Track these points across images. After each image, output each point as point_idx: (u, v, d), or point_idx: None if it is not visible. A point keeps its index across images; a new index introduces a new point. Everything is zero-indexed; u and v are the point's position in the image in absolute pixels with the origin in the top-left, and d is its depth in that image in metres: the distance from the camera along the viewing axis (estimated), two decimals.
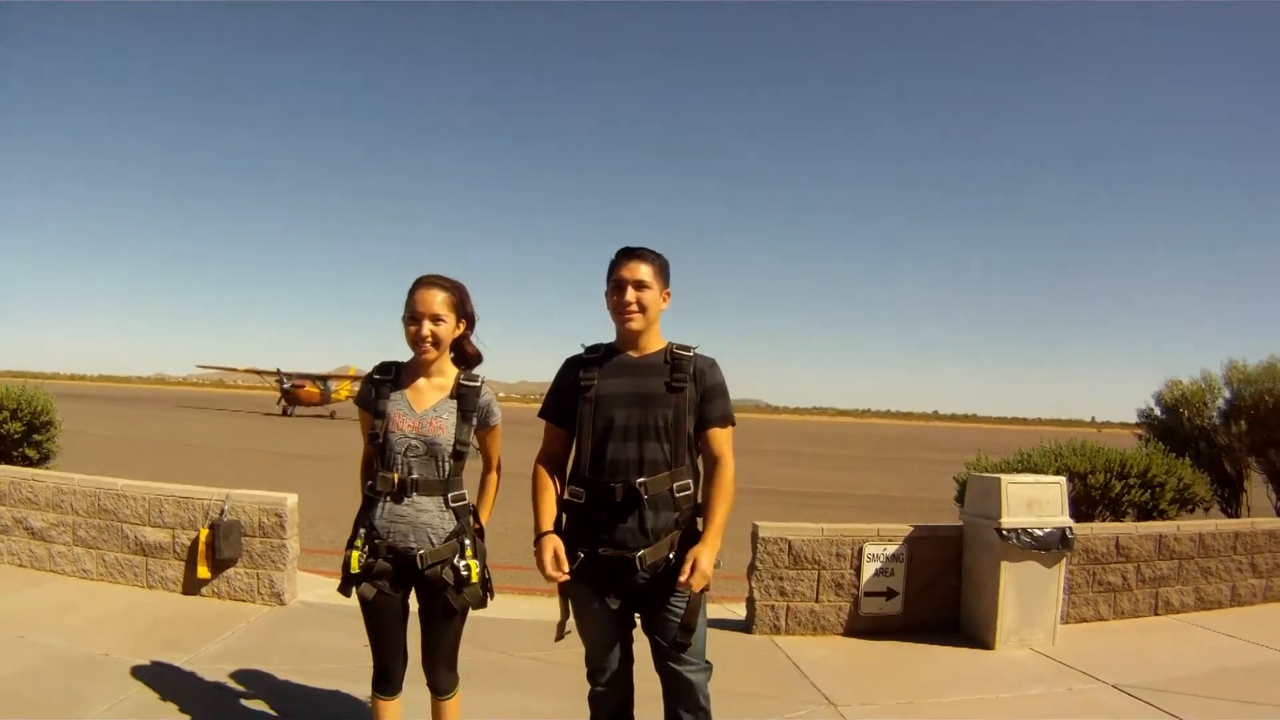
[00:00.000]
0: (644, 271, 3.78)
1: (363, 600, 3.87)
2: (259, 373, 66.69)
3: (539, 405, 4.10)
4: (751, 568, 7.28)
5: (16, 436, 10.50)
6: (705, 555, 3.58)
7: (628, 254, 3.84)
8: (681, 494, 3.72)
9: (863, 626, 7.22)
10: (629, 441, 3.69)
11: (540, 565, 3.67)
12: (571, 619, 3.89)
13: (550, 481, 3.87)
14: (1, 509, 8.06)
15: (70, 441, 11.91)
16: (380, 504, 3.87)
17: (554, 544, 3.66)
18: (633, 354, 3.86)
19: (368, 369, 4.15)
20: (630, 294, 3.76)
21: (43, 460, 10.77)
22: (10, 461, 10.10)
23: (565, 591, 3.84)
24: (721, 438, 3.80)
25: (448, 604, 3.87)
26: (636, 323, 3.78)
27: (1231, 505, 11.36)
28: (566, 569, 3.64)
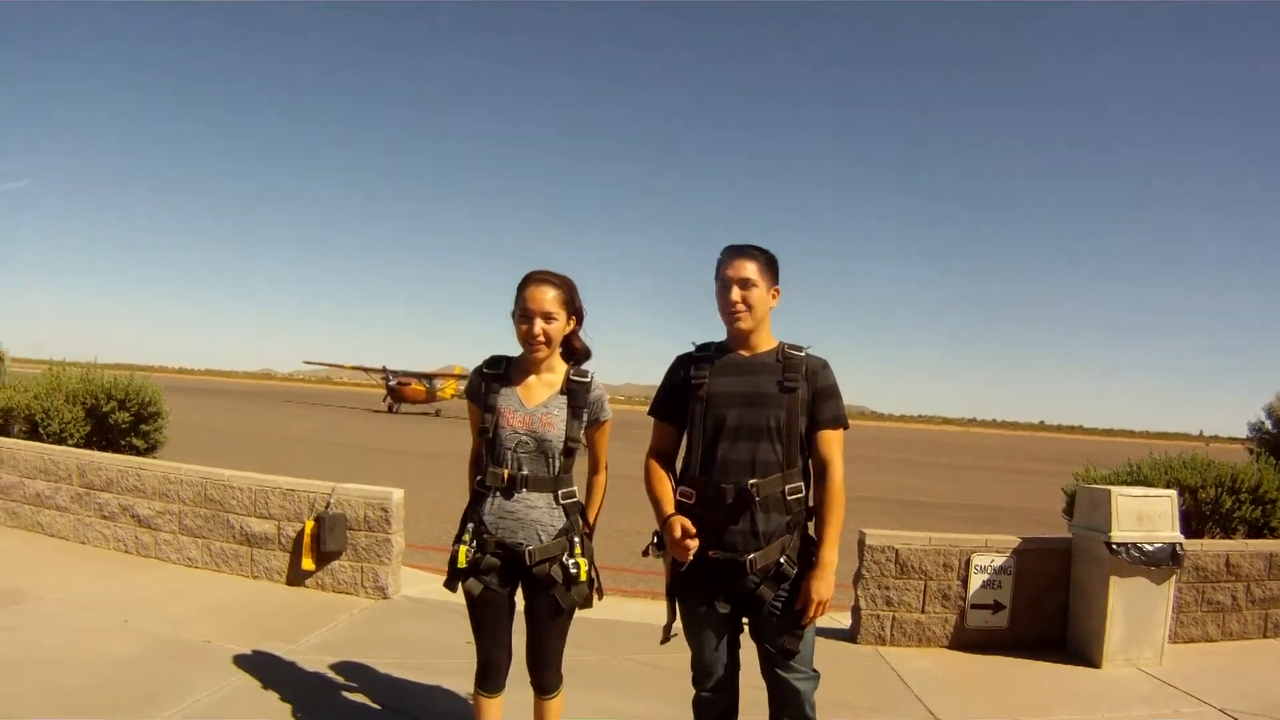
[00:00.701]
0: (750, 269, 3.74)
1: (469, 596, 3.87)
2: (365, 370, 67.24)
3: (644, 407, 4.06)
4: (857, 576, 7.19)
5: (124, 426, 10.77)
6: (824, 584, 3.58)
7: (733, 252, 3.80)
8: (793, 496, 3.66)
9: (968, 639, 7.07)
10: (741, 441, 3.64)
11: (671, 544, 3.64)
12: (679, 622, 3.85)
13: (664, 474, 3.84)
14: (109, 496, 8.28)
15: (177, 433, 12.16)
16: (489, 499, 3.85)
17: (681, 521, 3.62)
18: (744, 353, 3.81)
19: (473, 367, 4.14)
20: (736, 293, 3.71)
21: (150, 450, 11.03)
22: (118, 450, 10.37)
23: (673, 594, 3.81)
24: (833, 440, 3.73)
25: (555, 602, 3.85)
26: (745, 322, 3.74)
27: None
28: (696, 542, 3.60)
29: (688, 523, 3.61)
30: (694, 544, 3.58)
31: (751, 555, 3.57)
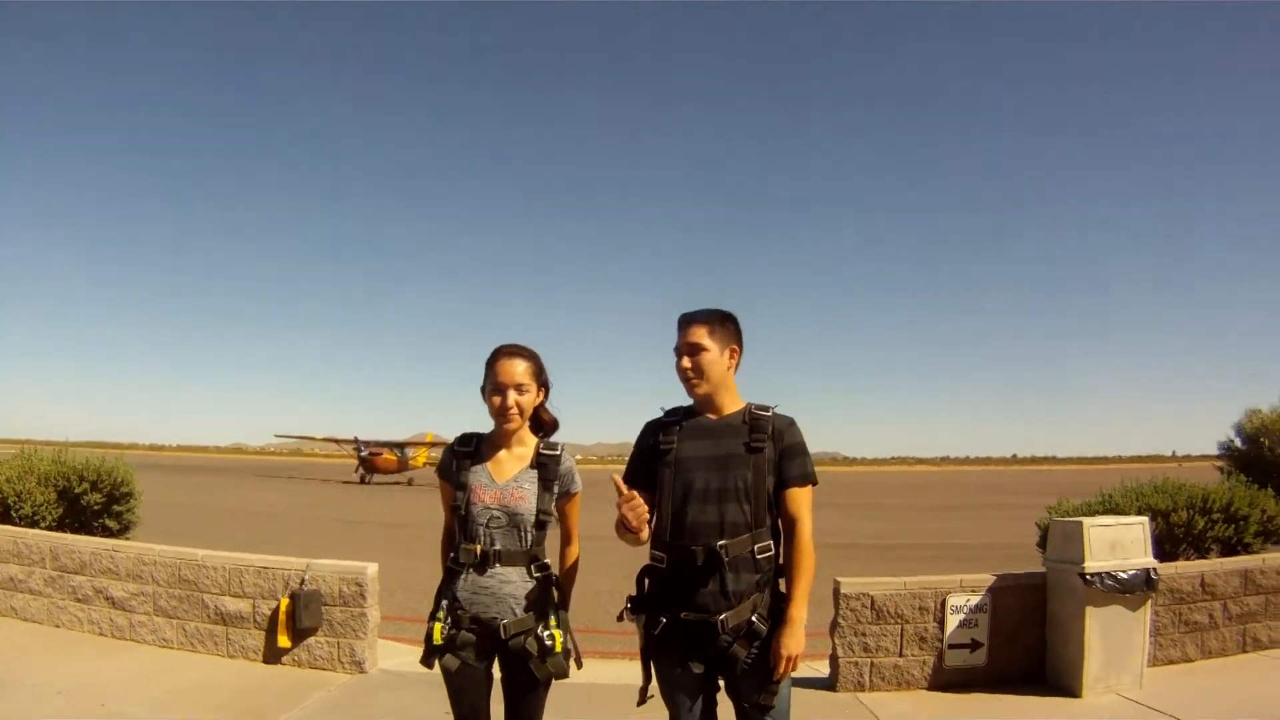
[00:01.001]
0: (698, 334, 3.78)
1: (446, 671, 3.85)
2: (336, 441, 67.03)
3: (615, 467, 4.08)
4: (834, 625, 7.20)
5: (97, 508, 10.71)
6: (793, 640, 3.58)
7: (684, 319, 3.85)
8: (763, 555, 3.68)
9: (947, 679, 7.10)
10: (709, 504, 3.66)
11: (624, 514, 3.60)
12: (654, 684, 3.85)
13: None
14: (82, 579, 8.20)
15: (149, 511, 12.09)
16: (463, 575, 3.85)
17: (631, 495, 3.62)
18: (711, 416, 3.83)
19: (445, 436, 4.17)
20: (685, 361, 3.76)
21: (123, 531, 10.97)
22: (91, 532, 10.29)
23: (648, 656, 3.81)
24: (800, 498, 3.74)
25: (531, 674, 3.84)
26: (700, 388, 3.78)
27: None
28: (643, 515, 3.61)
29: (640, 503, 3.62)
30: (642, 520, 3.60)
31: (723, 615, 3.58)
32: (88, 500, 10.62)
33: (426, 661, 3.89)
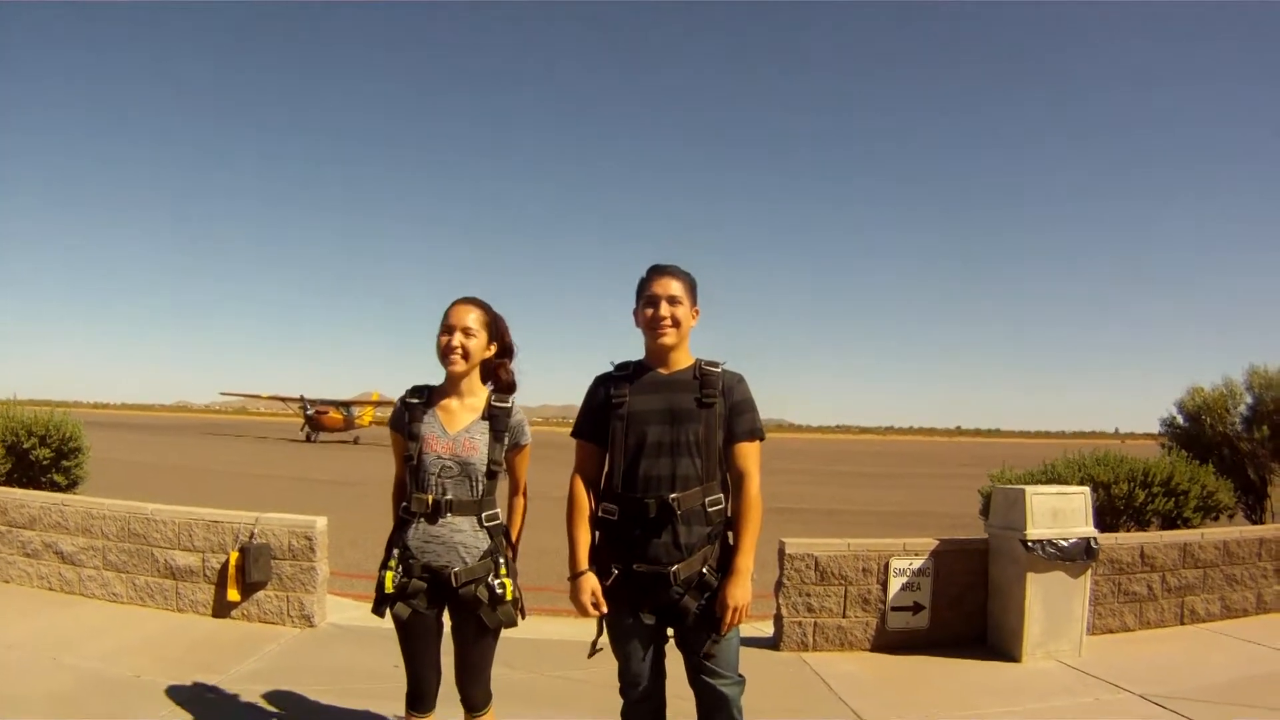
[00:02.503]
0: (676, 287, 3.84)
1: (397, 620, 3.91)
2: (282, 399, 66.89)
3: (561, 428, 4.12)
4: (778, 585, 7.31)
5: (45, 463, 10.61)
6: (739, 590, 3.66)
7: (660, 270, 3.91)
8: (714, 508, 3.75)
9: (890, 641, 7.23)
10: (662, 457, 3.72)
11: (578, 606, 3.75)
12: (604, 635, 3.92)
13: (586, 503, 3.89)
14: (31, 534, 8.13)
15: (96, 468, 11.96)
16: (414, 525, 3.90)
17: (591, 584, 3.73)
18: (662, 371, 3.89)
19: (391, 396, 4.21)
20: (665, 309, 3.81)
21: (71, 486, 10.87)
22: (39, 487, 10.19)
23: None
24: (749, 452, 3.83)
25: (481, 622, 3.90)
26: (670, 337, 3.83)
27: (1256, 512, 11.29)
28: (604, 609, 3.73)
29: (597, 588, 3.73)
30: (596, 613, 3.73)
31: (675, 567, 3.64)
32: (36, 455, 10.52)
33: (378, 610, 3.95)
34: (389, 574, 3.89)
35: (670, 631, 3.90)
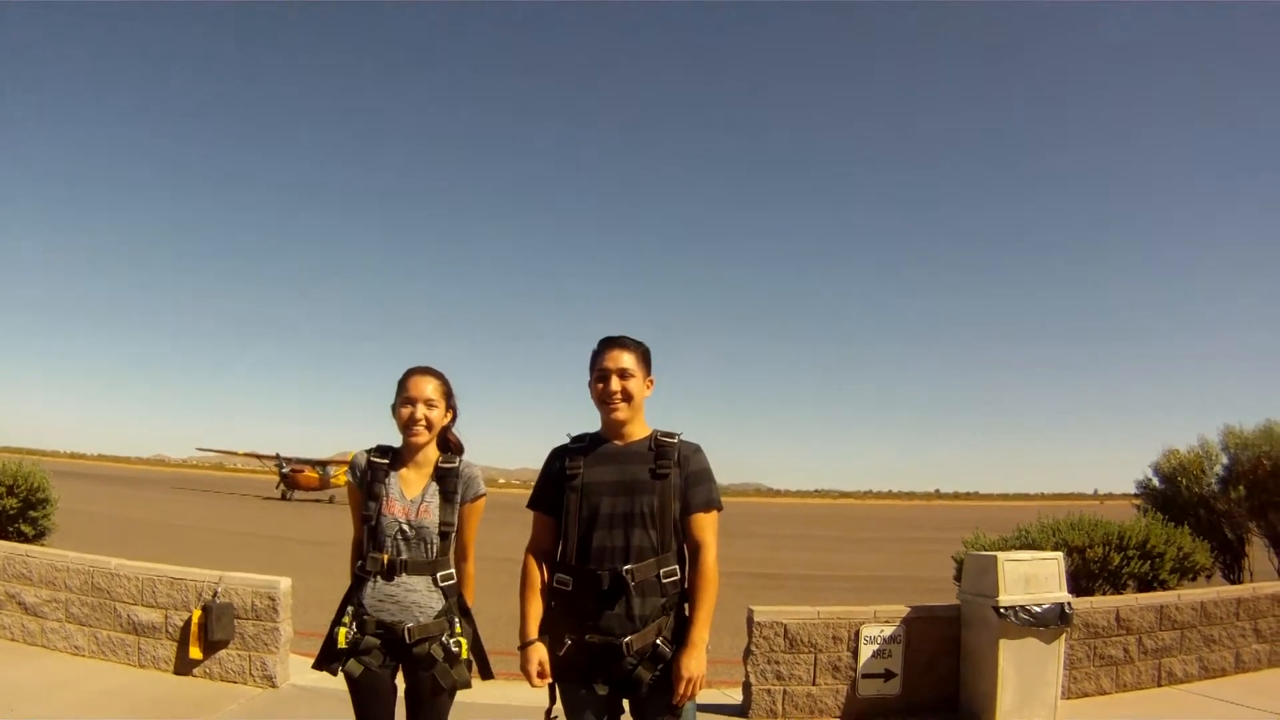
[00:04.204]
0: (627, 360, 3.82)
1: (349, 677, 3.88)
2: (259, 457, 66.73)
3: None
4: (747, 652, 7.23)
5: (12, 513, 10.57)
6: (694, 662, 3.59)
7: (610, 343, 3.88)
8: (668, 579, 3.70)
9: (861, 709, 7.15)
10: (615, 529, 3.68)
11: (526, 674, 3.69)
12: (559, 705, 3.86)
13: (538, 576, 3.85)
14: None
15: (66, 520, 11.93)
16: (370, 583, 3.90)
17: (539, 654, 3.68)
18: (618, 442, 3.86)
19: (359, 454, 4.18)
20: (615, 383, 3.78)
21: (38, 537, 10.83)
22: (5, 537, 10.12)
23: (553, 678, 3.81)
24: (705, 523, 3.78)
25: (435, 682, 3.88)
26: (622, 412, 3.80)
27: (1233, 571, 11.31)
28: (549, 679, 3.69)
29: (544, 658, 3.69)
30: (542, 682, 3.69)
31: (628, 638, 3.59)
32: (3, 505, 10.47)
33: (327, 665, 3.94)
34: (342, 630, 3.89)
35: (626, 703, 3.84)
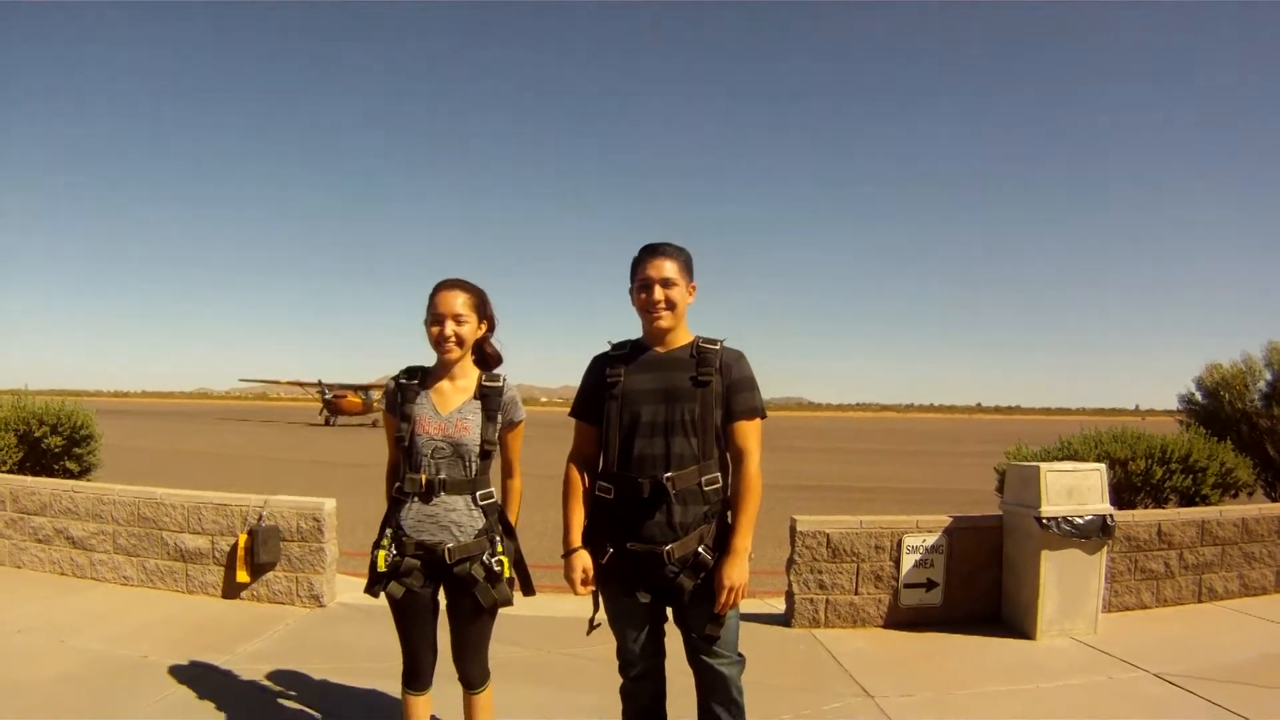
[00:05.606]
0: (669, 268, 3.77)
1: (391, 599, 3.91)
2: (301, 384, 67.58)
3: None
4: (790, 562, 7.24)
5: (57, 450, 10.71)
6: (736, 570, 3.61)
7: (651, 251, 3.83)
8: (710, 488, 3.70)
9: (903, 618, 7.17)
10: (656, 437, 3.68)
11: (570, 583, 3.73)
12: (602, 613, 3.89)
13: (580, 484, 3.87)
14: (42, 520, 8.20)
15: (113, 455, 12.11)
16: (408, 504, 3.90)
17: (583, 561, 3.72)
18: (659, 349, 3.84)
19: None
20: (659, 292, 3.74)
21: (84, 473, 10.99)
22: (52, 474, 10.27)
23: (596, 586, 3.84)
24: (748, 431, 3.77)
25: (476, 601, 3.89)
26: (666, 320, 3.77)
27: (1275, 489, 11.17)
28: (593, 586, 3.75)
29: (589, 565, 3.73)
30: (586, 590, 3.74)
31: (669, 546, 3.61)
32: (48, 443, 10.64)
33: (371, 590, 3.96)
34: (381, 553, 3.90)
35: (669, 610, 3.87)
